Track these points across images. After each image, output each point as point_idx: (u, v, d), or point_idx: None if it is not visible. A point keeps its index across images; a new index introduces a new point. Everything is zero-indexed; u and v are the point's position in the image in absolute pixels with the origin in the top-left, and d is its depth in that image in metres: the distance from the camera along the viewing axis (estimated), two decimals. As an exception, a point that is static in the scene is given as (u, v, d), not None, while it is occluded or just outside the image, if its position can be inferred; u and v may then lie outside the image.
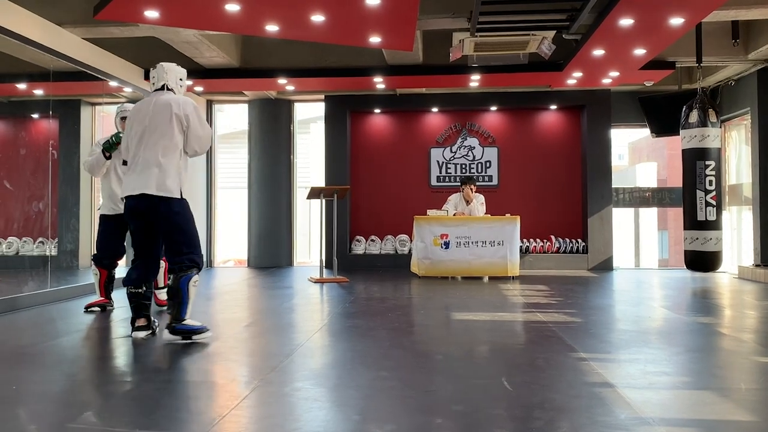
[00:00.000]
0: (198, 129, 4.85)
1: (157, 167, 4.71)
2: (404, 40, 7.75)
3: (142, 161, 4.76)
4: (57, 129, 8.34)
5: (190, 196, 4.97)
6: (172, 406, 3.33)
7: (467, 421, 2.94)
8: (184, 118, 4.80)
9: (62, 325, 5.78)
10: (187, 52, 9.06)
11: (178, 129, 4.79)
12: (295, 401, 3.31)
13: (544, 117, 12.20)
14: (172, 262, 4.77)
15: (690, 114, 9.57)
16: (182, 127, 4.81)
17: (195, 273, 4.77)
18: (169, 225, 4.77)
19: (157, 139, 4.76)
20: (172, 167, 4.74)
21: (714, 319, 6.22)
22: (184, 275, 4.72)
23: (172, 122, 4.77)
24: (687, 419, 3.02)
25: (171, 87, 5.02)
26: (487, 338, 5.15)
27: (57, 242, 8.24)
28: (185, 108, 4.83)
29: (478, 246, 9.62)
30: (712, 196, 9.47)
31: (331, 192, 9.52)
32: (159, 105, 4.86)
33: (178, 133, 4.79)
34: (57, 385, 3.57)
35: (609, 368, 3.95)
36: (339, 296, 7.69)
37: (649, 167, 24.10)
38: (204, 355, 4.50)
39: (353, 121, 12.36)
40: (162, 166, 4.71)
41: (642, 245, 18.25)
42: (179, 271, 4.72)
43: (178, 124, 4.79)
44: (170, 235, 4.78)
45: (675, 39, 7.87)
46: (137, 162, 4.80)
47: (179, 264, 4.73)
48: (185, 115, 4.81)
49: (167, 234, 4.80)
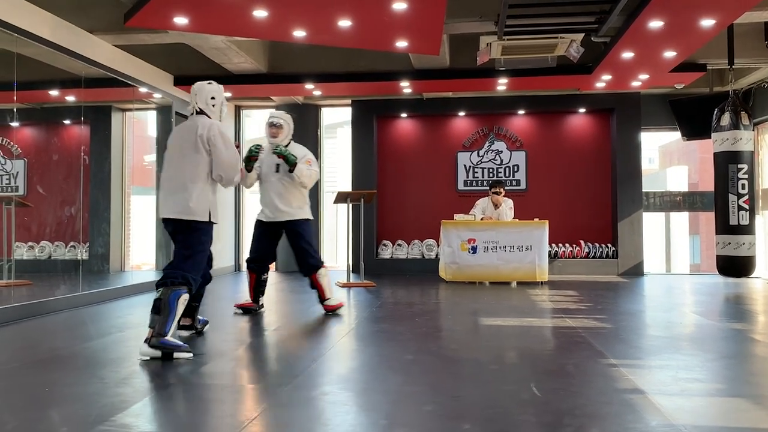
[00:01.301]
0: (222, 153, 4.73)
1: (183, 191, 4.69)
2: (431, 44, 7.74)
3: (172, 184, 4.76)
4: (88, 135, 8.46)
5: (218, 199, 4.93)
6: (200, 410, 3.35)
7: (495, 427, 2.92)
8: (206, 142, 4.73)
9: (94, 328, 5.85)
10: (215, 59, 9.14)
11: (203, 152, 4.74)
12: (323, 405, 3.31)
13: (573, 120, 12.10)
14: (163, 275, 4.64)
15: (722, 117, 9.43)
16: (207, 150, 4.74)
17: (185, 291, 4.59)
18: (183, 236, 4.73)
19: (184, 162, 4.74)
20: (196, 191, 4.69)
21: (747, 325, 6.11)
22: (175, 290, 4.55)
23: (196, 145, 4.72)
24: (720, 427, 2.97)
25: (201, 109, 4.92)
26: (515, 344, 5.11)
27: (88, 246, 8.35)
28: (209, 131, 4.75)
29: (506, 251, 9.57)
30: (744, 200, 9.31)
31: (357, 196, 9.53)
32: (185, 128, 4.88)
33: (203, 156, 4.74)
34: (88, 387, 3.62)
35: (640, 374, 3.90)
36: (366, 301, 7.69)
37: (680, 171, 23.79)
38: (232, 358, 4.53)
39: (380, 125, 12.37)
40: (187, 190, 4.68)
41: (673, 250, 18.00)
42: (170, 285, 4.56)
43: (202, 148, 4.73)
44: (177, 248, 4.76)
45: (706, 41, 7.76)
46: (168, 184, 4.79)
47: (172, 278, 4.58)
48: (208, 138, 4.73)
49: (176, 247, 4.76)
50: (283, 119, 6.39)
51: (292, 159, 6.22)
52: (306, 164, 6.29)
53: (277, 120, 6.36)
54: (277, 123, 6.35)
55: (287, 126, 6.39)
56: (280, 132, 6.34)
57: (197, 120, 4.85)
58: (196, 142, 4.72)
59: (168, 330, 4.45)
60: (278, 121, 6.35)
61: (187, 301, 4.64)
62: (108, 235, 8.95)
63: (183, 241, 4.72)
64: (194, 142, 4.73)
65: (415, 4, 6.50)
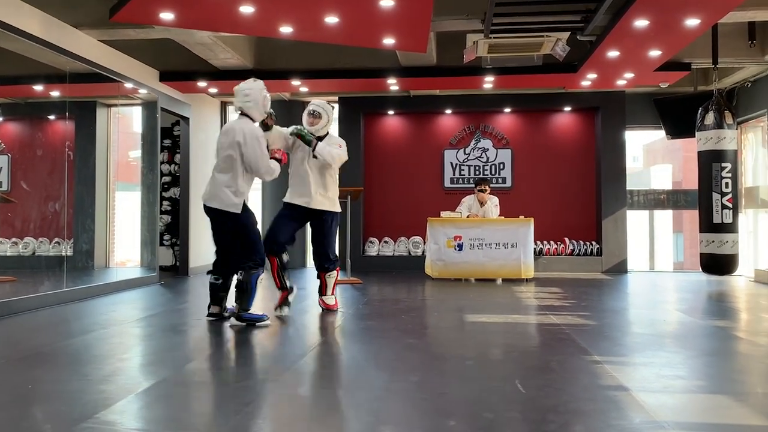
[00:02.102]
0: (251, 159, 5.52)
1: (220, 184, 5.51)
2: (418, 41, 7.74)
3: (214, 176, 5.59)
4: (73, 130, 8.39)
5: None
6: (184, 407, 3.34)
7: (481, 424, 2.93)
8: (237, 147, 5.48)
9: (77, 324, 5.82)
10: (201, 54, 9.10)
11: (237, 154, 5.49)
12: (309, 402, 3.31)
13: (558, 119, 12.15)
14: (240, 262, 5.57)
15: (706, 116, 9.50)
16: (240, 152, 5.49)
17: (261, 271, 5.58)
18: (235, 233, 5.62)
19: (222, 160, 5.55)
20: (232, 185, 5.51)
21: (730, 322, 6.17)
22: (254, 272, 5.52)
23: (233, 147, 5.49)
24: (702, 423, 3.00)
25: (240, 109, 5.65)
26: (500, 341, 5.13)
27: (72, 243, 8.29)
28: (245, 137, 5.49)
29: (491, 248, 9.60)
30: (728, 199, 9.39)
31: (344, 193, 9.52)
32: (227, 129, 5.66)
33: (237, 157, 5.49)
34: (72, 385, 3.60)
35: (623, 371, 3.93)
36: (352, 298, 7.69)
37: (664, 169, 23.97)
38: (217, 356, 4.52)
39: (367, 122, 12.36)
40: (224, 184, 5.50)
41: (657, 248, 18.14)
42: (249, 269, 5.51)
43: (236, 150, 5.49)
44: (236, 240, 5.63)
45: (691, 40, 7.81)
46: (212, 176, 5.63)
47: (244, 263, 5.53)
48: (239, 143, 5.48)
49: (234, 239, 5.65)
50: (322, 108, 6.26)
51: (309, 138, 6.12)
52: (336, 146, 6.24)
53: (316, 108, 6.25)
54: (315, 112, 6.23)
55: (326, 115, 6.26)
56: (318, 121, 6.23)
57: (235, 124, 5.61)
58: (233, 145, 5.49)
59: (250, 305, 5.51)
60: (317, 110, 6.24)
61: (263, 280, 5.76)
62: (92, 232, 8.89)
63: (236, 235, 5.64)
64: (229, 144, 5.51)
65: (402, 2, 6.49)
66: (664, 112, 11.07)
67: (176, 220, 10.98)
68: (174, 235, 11.11)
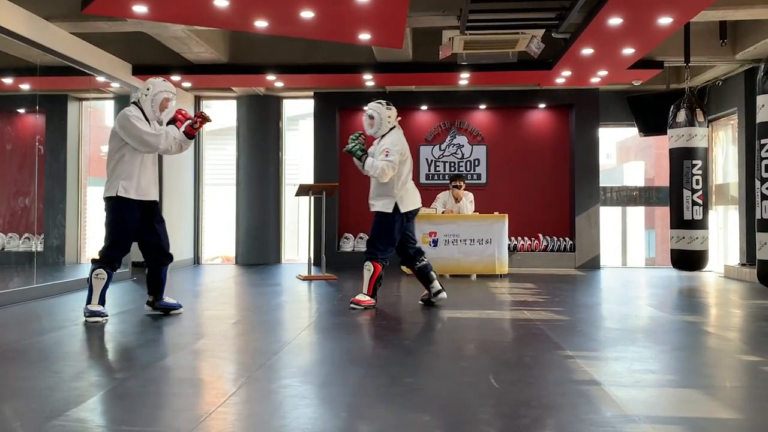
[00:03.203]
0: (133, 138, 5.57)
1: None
2: (394, 37, 7.74)
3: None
4: (44, 124, 8.27)
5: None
6: (157, 404, 3.32)
7: (454, 419, 2.95)
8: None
9: (48, 321, 5.74)
10: (175, 48, 9.01)
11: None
12: (282, 398, 3.30)
13: (533, 116, 12.22)
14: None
15: (678, 113, 9.62)
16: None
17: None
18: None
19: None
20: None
21: (700, 317, 6.26)
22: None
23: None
24: (672, 417, 3.04)
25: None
26: (474, 336, 5.16)
27: (43, 238, 8.17)
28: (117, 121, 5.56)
29: (466, 244, 9.64)
30: (698, 196, 9.52)
31: (319, 189, 9.50)
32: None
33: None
34: (42, 382, 3.55)
35: (595, 366, 3.97)
36: (327, 294, 7.68)
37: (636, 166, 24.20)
38: (191, 352, 4.49)
39: (342, 118, 12.33)
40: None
41: (629, 244, 18.34)
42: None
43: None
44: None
45: (663, 38, 7.90)
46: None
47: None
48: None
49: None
50: (373, 109, 6.45)
51: (358, 154, 6.37)
52: (382, 155, 6.28)
53: (370, 112, 6.45)
54: (370, 114, 6.45)
55: (377, 116, 6.42)
56: (373, 122, 6.44)
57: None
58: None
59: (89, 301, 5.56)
60: (370, 112, 6.45)
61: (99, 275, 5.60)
62: (63, 227, 8.77)
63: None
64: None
65: (377, -3, 6.49)
66: (636, 109, 11.18)
67: (149, 216, 10.85)
68: (147, 231, 10.97)
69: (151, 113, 5.65)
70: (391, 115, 6.48)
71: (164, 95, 5.65)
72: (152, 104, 5.64)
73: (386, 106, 6.46)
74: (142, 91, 5.64)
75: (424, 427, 2.83)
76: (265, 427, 2.83)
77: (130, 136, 5.47)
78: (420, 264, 6.56)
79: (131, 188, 5.54)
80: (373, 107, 6.48)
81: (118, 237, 5.64)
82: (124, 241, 5.69)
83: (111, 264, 5.61)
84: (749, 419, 3.06)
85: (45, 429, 2.76)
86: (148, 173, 5.70)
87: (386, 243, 6.38)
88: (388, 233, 6.37)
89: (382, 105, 6.47)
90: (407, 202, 6.44)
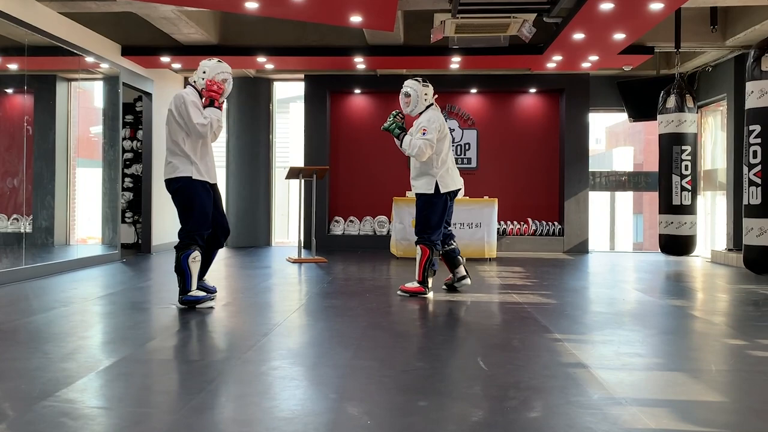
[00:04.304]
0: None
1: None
2: (385, 20, 7.70)
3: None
4: (32, 105, 8.19)
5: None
6: (146, 385, 3.33)
7: (443, 400, 2.97)
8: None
9: (37, 302, 5.73)
10: (164, 29, 8.94)
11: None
12: (272, 380, 3.32)
13: (524, 100, 12.22)
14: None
15: (667, 99, 9.65)
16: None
17: (194, 249, 5.23)
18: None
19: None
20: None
21: (687, 302, 6.32)
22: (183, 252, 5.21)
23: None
24: (659, 399, 3.08)
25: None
26: (464, 318, 5.19)
27: (32, 219, 8.12)
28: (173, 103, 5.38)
29: (456, 228, 9.63)
30: (687, 181, 9.58)
31: (310, 172, 9.49)
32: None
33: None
34: (32, 362, 3.55)
35: (583, 349, 4.01)
36: (317, 276, 7.70)
37: (625, 151, 24.30)
38: (180, 333, 4.50)
39: (333, 101, 12.29)
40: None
41: (617, 229, 18.44)
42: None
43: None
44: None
45: (654, 24, 7.90)
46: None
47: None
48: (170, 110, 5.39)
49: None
50: (409, 87, 6.31)
51: (396, 132, 6.26)
52: (419, 134, 6.14)
53: (406, 89, 6.32)
54: (406, 92, 6.32)
55: (414, 93, 6.27)
56: (409, 100, 6.31)
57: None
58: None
59: (189, 286, 5.24)
60: (407, 90, 6.31)
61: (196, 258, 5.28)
62: (52, 208, 8.72)
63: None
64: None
65: (369, -21, 6.45)
66: (626, 94, 11.21)
67: (138, 198, 10.85)
68: (136, 213, 10.97)
69: None
70: (428, 92, 6.33)
71: (222, 77, 5.47)
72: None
73: (423, 83, 6.32)
74: (198, 75, 5.43)
75: (413, 409, 2.85)
76: (255, 409, 2.85)
77: (183, 119, 5.27)
78: (449, 247, 6.46)
79: (203, 169, 5.32)
80: (410, 84, 6.33)
81: (202, 215, 5.28)
82: (208, 219, 5.34)
83: (203, 245, 5.32)
84: (734, 402, 3.10)
85: (35, 410, 2.77)
86: (211, 153, 5.52)
87: (433, 224, 6.15)
88: (433, 214, 6.16)
89: (418, 82, 6.32)
90: (448, 182, 6.27)
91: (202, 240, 5.29)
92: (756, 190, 7.09)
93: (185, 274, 5.19)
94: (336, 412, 2.80)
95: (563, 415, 2.78)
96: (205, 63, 5.49)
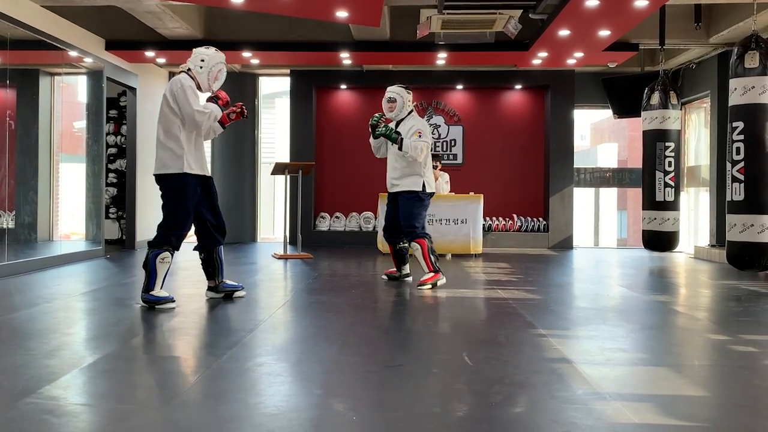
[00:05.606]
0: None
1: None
2: (371, 15, 7.69)
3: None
4: (14, 99, 8.11)
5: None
6: (131, 381, 3.31)
7: (428, 396, 2.98)
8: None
9: (20, 298, 5.68)
10: (149, 23, 8.87)
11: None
12: (258, 376, 3.31)
13: (509, 96, 12.25)
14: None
15: (652, 96, 9.70)
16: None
17: (165, 250, 5.14)
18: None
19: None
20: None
21: (670, 297, 6.37)
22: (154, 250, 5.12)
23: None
24: (642, 394, 3.10)
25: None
26: (449, 314, 5.20)
27: (14, 215, 8.05)
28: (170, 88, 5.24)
29: (441, 224, 9.68)
30: (670, 177, 9.64)
31: (295, 168, 9.46)
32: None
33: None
34: (15, 359, 3.52)
35: (567, 345, 4.03)
36: (302, 272, 7.68)
37: (610, 148, 24.40)
38: (166, 330, 4.48)
39: (319, 96, 12.27)
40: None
41: (602, 225, 18.52)
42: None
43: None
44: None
45: (639, 21, 7.94)
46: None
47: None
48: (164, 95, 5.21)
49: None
50: (395, 92, 6.51)
51: (394, 137, 6.35)
52: (414, 136, 6.33)
53: (391, 95, 6.51)
54: (391, 97, 6.50)
55: (400, 99, 6.48)
56: (395, 105, 6.49)
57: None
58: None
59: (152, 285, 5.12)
60: (392, 95, 6.51)
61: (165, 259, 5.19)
62: (35, 204, 8.64)
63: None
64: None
65: (355, -26, 6.44)
66: (611, 91, 11.26)
67: (122, 193, 10.77)
68: (120, 208, 10.90)
69: (207, 85, 5.39)
70: (411, 98, 6.61)
71: (220, 66, 5.46)
72: (209, 76, 5.40)
73: (407, 90, 6.57)
74: (194, 63, 5.35)
75: (398, 404, 2.86)
76: (240, 405, 2.84)
77: (181, 108, 5.10)
78: (402, 245, 6.69)
79: (194, 163, 5.17)
80: (396, 90, 6.53)
81: (183, 216, 5.19)
82: (189, 221, 5.26)
83: (177, 246, 5.23)
84: (717, 396, 3.13)
85: (17, 407, 2.74)
86: (203, 145, 5.37)
87: (420, 219, 6.47)
88: (420, 211, 6.48)
89: (404, 89, 6.55)
90: (431, 183, 6.56)
91: (178, 241, 5.22)
92: (739, 187, 7.14)
93: (151, 272, 5.07)
94: (321, 408, 2.80)
95: (548, 410, 2.79)
96: (202, 51, 5.42)
